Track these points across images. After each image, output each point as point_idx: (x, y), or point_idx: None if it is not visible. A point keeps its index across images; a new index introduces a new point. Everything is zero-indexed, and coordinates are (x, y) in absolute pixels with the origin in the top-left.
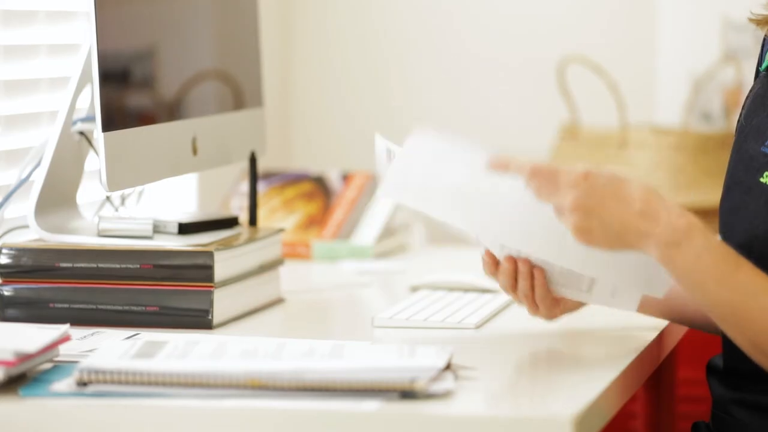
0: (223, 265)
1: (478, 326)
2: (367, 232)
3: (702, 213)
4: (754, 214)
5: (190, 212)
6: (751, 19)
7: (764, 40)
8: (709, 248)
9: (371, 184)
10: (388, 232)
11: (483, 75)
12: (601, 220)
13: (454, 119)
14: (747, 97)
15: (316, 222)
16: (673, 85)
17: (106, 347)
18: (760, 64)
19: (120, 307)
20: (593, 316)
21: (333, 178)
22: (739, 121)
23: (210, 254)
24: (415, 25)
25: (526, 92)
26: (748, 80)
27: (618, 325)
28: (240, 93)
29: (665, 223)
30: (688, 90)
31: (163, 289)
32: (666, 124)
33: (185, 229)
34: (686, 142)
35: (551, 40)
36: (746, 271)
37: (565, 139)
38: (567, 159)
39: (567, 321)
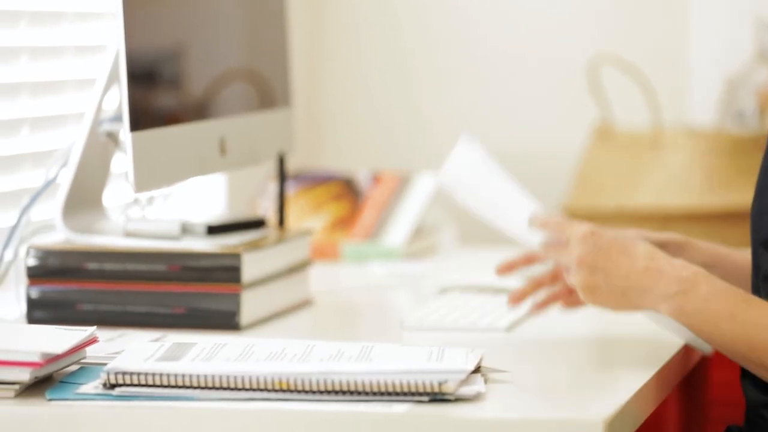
0: (251, 267)
1: (509, 329)
2: (397, 233)
3: (735, 215)
4: None
5: (218, 213)
6: None
7: None
8: (717, 291)
9: (401, 184)
10: (417, 233)
11: (513, 74)
12: (606, 275)
13: (484, 119)
14: None
15: (344, 223)
16: (707, 86)
17: (133, 349)
18: None
19: (147, 309)
20: (624, 320)
21: (362, 178)
22: None
23: (238, 256)
24: (444, 24)
25: (557, 92)
26: None
27: (650, 329)
28: (268, 92)
29: (669, 275)
30: (722, 90)
31: (190, 290)
32: (699, 124)
33: (213, 230)
34: (720, 144)
35: (582, 39)
36: (757, 305)
37: (597, 140)
38: (599, 160)
39: (598, 325)
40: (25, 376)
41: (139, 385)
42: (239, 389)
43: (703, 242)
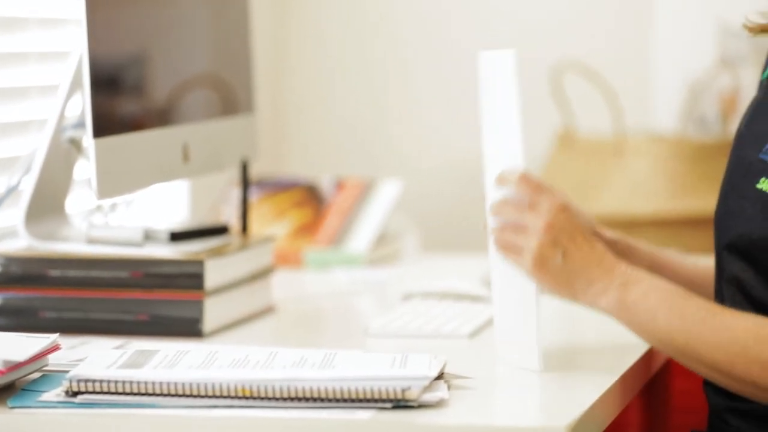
0: (214, 274)
1: (472, 335)
2: (360, 239)
3: (699, 221)
4: (749, 219)
5: (180, 220)
6: (745, 26)
7: None
8: (656, 286)
9: (364, 191)
10: (381, 239)
11: (477, 80)
12: (565, 254)
13: (448, 125)
14: (750, 105)
15: (308, 229)
16: (670, 92)
17: (96, 356)
18: (763, 72)
19: (110, 316)
20: (587, 326)
21: (325, 185)
22: (739, 128)
23: (201, 262)
24: (410, 30)
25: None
26: (745, 86)
27: (612, 335)
28: (232, 99)
29: (616, 272)
30: (685, 97)
31: (153, 297)
32: (662, 130)
33: (176, 236)
34: (683, 149)
35: (546, 46)
36: (695, 301)
37: (560, 147)
38: (562, 167)
39: (561, 330)
40: None
41: (102, 392)
42: (202, 396)
43: (648, 247)
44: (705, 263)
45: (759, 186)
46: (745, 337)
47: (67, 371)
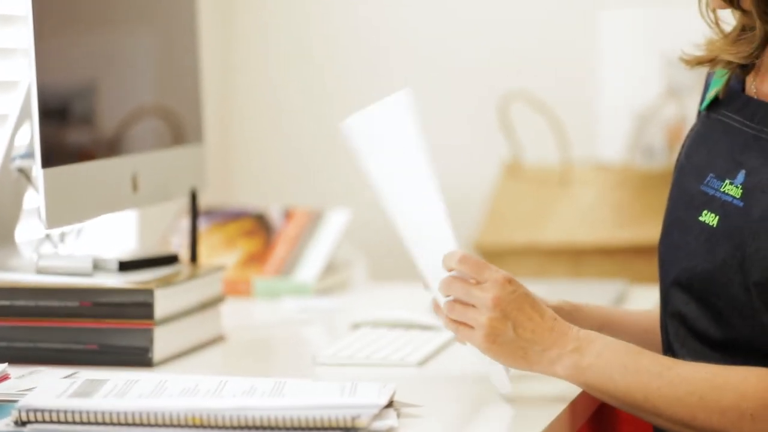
0: (164, 303)
1: (421, 363)
2: (309, 268)
3: (645, 250)
4: (693, 252)
5: (130, 249)
6: (682, 59)
7: (706, 80)
8: (609, 344)
9: (312, 220)
10: (329, 268)
11: (424, 111)
12: (515, 325)
13: None
14: (687, 136)
15: (257, 259)
16: (616, 122)
17: (45, 386)
18: (701, 103)
19: (59, 346)
20: None
21: (274, 214)
22: (678, 159)
23: (150, 292)
24: (357, 62)
25: (468, 129)
26: (691, 117)
27: None
28: (180, 129)
29: (568, 337)
30: (631, 127)
31: (102, 327)
32: (609, 160)
33: (125, 266)
34: (629, 179)
35: (493, 77)
36: (649, 356)
37: (507, 177)
38: (509, 196)
39: None
40: None
41: (52, 422)
42: (152, 425)
43: (593, 306)
44: (653, 311)
45: (702, 219)
46: (702, 387)
47: (16, 401)
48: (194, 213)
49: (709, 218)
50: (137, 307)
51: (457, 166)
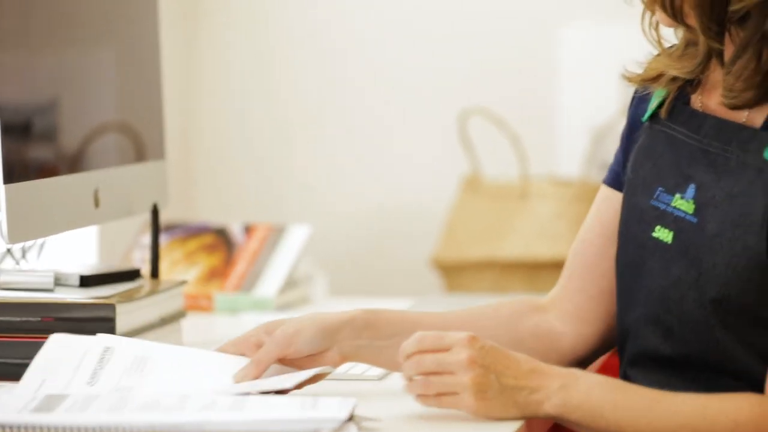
0: (125, 318)
1: (381, 378)
2: (269, 284)
3: None
4: (650, 270)
5: (91, 264)
6: (624, 77)
7: (634, 95)
8: (597, 382)
9: (273, 235)
10: (290, 283)
11: (384, 126)
12: (498, 375)
13: (356, 171)
14: (631, 150)
15: (218, 274)
16: (574, 137)
17: (6, 401)
18: (639, 116)
19: (21, 361)
20: None
21: (235, 230)
22: (625, 174)
23: (111, 307)
24: (317, 78)
25: (427, 144)
26: None
27: None
28: (142, 145)
29: (551, 374)
30: (588, 142)
31: None
32: (566, 175)
33: (87, 281)
34: (586, 194)
35: (452, 92)
36: (636, 390)
37: (466, 192)
38: (468, 211)
39: None
40: None
41: None
42: None
43: (391, 310)
44: (459, 312)
45: (656, 234)
46: (693, 416)
47: None
48: (155, 228)
49: (663, 234)
50: (99, 322)
51: (417, 181)
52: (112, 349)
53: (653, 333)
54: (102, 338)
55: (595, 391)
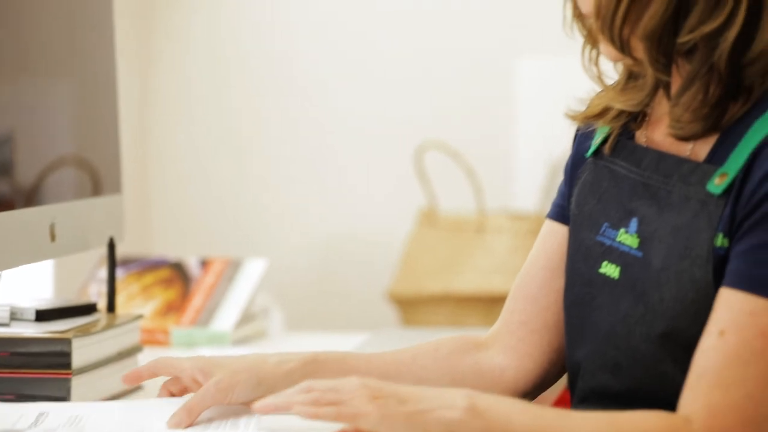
0: (81, 352)
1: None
2: (226, 318)
3: None
4: (598, 306)
5: (47, 299)
6: (568, 115)
7: (576, 132)
8: (504, 396)
9: (230, 270)
10: (246, 318)
11: (341, 160)
12: (393, 395)
13: (314, 204)
14: (575, 185)
15: (174, 308)
16: (530, 171)
17: None
18: (583, 152)
19: None
20: None
21: (191, 264)
22: (570, 209)
23: (68, 341)
24: (274, 112)
25: (384, 178)
26: None
27: None
28: (98, 179)
29: (452, 389)
30: (545, 176)
31: (20, 376)
32: (523, 209)
33: (42, 315)
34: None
35: (410, 127)
36: (540, 405)
37: (422, 225)
38: (425, 245)
39: None
40: None
41: None
42: None
43: (330, 359)
44: (395, 353)
45: (602, 270)
46: (603, 424)
47: None
48: (112, 262)
49: (610, 269)
50: (54, 357)
51: (374, 214)
52: (46, 413)
53: (602, 369)
54: (36, 405)
55: (504, 400)
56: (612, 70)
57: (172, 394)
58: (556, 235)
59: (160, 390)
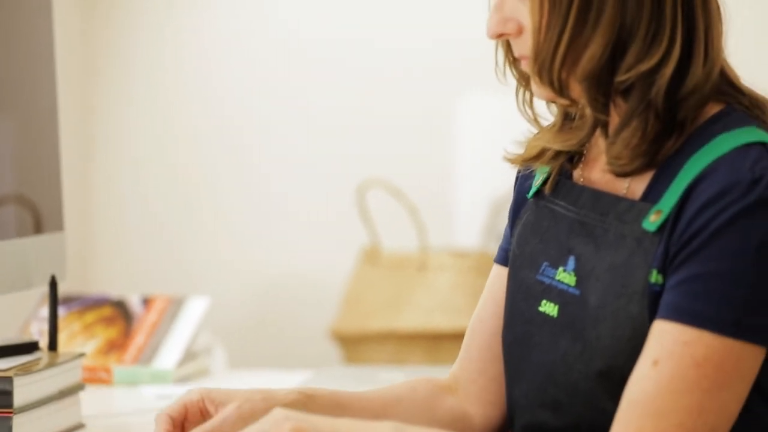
0: (23, 391)
1: None
2: (168, 356)
3: None
4: (537, 344)
5: None
6: (506, 159)
7: (517, 174)
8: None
9: (172, 308)
10: (189, 356)
11: (284, 198)
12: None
13: (255, 243)
14: (515, 225)
15: (116, 346)
16: (472, 209)
17: None
18: (524, 193)
19: None
20: None
21: (133, 302)
22: (511, 249)
23: (9, 380)
24: (216, 148)
25: (327, 216)
26: None
27: None
28: (40, 217)
29: (381, 423)
30: (486, 213)
31: None
32: (465, 247)
33: None
34: (484, 265)
35: (351, 165)
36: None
37: (365, 263)
38: (367, 283)
39: None
40: None
41: None
42: None
43: (323, 390)
44: (384, 390)
45: (542, 309)
46: None
47: None
48: (54, 300)
49: (549, 308)
50: None
51: (316, 252)
52: None
53: (542, 407)
54: None
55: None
56: (546, 111)
57: (172, 422)
58: (503, 279)
59: (158, 418)
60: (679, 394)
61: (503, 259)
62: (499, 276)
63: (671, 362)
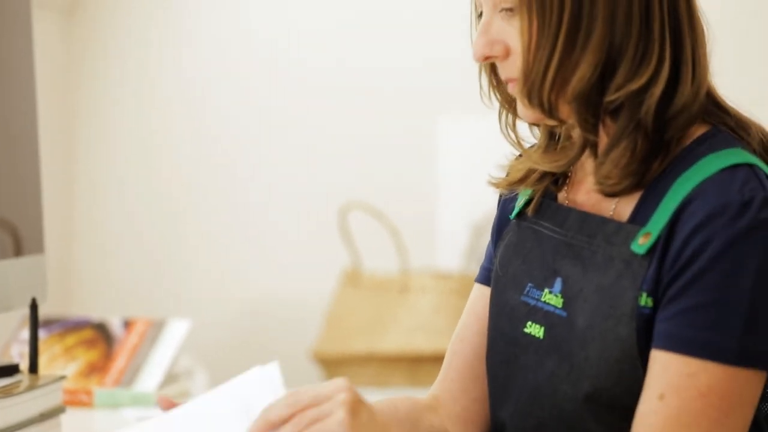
0: (3, 414)
1: None
2: (149, 378)
3: None
4: (523, 366)
5: None
6: (491, 183)
7: (500, 195)
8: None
9: (152, 330)
10: (170, 378)
11: (264, 221)
12: (370, 413)
13: (236, 265)
14: (498, 246)
15: (97, 369)
16: (453, 231)
17: None
18: (507, 214)
19: None
20: None
21: (114, 324)
22: (494, 270)
23: None
24: (198, 173)
25: (308, 238)
26: None
27: None
28: (20, 239)
29: None
30: (468, 235)
31: None
32: (446, 269)
33: None
34: (465, 286)
35: (333, 187)
36: None
37: (346, 285)
38: (348, 305)
39: None
40: None
41: None
42: None
43: (400, 399)
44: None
45: (527, 330)
46: None
47: None
48: (34, 323)
49: (535, 329)
50: None
51: (297, 274)
52: None
53: (527, 428)
54: None
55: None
56: (529, 133)
57: None
58: (486, 299)
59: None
60: (687, 427)
61: (485, 278)
62: (481, 296)
63: (677, 396)
